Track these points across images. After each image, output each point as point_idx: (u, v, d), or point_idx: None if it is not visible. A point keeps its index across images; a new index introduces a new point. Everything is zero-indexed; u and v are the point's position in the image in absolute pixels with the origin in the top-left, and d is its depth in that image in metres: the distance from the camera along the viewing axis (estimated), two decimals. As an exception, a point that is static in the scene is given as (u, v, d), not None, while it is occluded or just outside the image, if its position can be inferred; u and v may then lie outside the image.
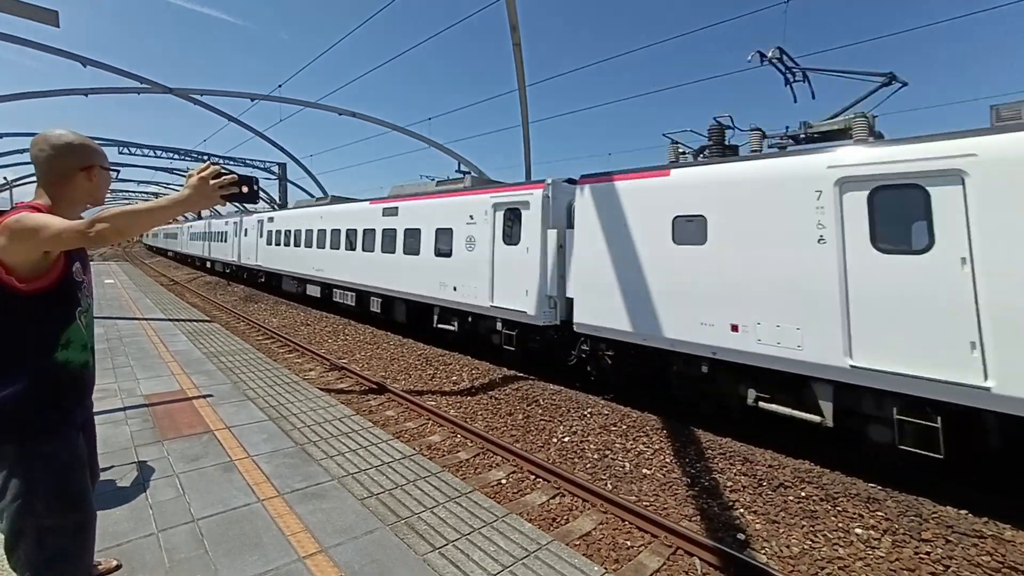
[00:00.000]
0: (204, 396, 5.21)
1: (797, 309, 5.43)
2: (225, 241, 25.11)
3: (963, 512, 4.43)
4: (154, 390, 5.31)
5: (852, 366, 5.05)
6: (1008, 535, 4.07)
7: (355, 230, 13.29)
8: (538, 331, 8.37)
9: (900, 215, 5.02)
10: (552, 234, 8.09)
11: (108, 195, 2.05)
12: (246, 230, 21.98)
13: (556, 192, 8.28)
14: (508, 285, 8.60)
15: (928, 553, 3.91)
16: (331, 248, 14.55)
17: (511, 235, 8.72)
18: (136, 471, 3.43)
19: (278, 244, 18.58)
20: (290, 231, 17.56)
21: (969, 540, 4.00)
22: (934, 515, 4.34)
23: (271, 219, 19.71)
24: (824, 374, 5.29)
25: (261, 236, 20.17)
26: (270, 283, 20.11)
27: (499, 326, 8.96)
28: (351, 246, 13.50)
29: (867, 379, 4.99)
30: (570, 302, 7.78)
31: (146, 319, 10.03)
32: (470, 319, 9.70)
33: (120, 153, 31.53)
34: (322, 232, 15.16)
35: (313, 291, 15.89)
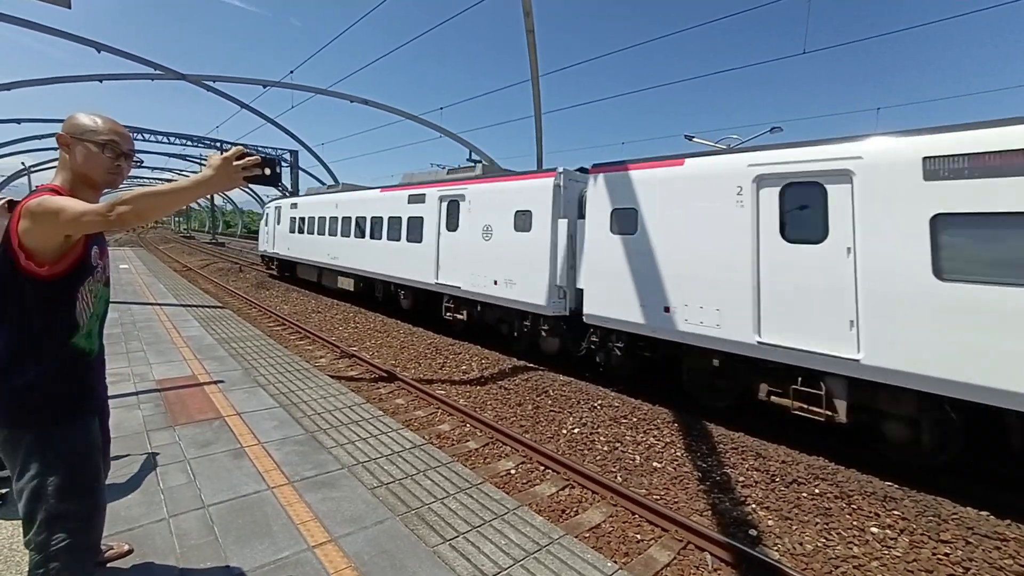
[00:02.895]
0: (215, 382, 5.24)
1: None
2: None
3: (984, 513, 4.31)
4: (166, 375, 5.36)
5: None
6: (1032, 538, 3.96)
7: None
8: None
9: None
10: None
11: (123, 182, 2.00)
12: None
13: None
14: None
15: (947, 554, 3.81)
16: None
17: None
18: (148, 456, 3.45)
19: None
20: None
21: (991, 542, 3.89)
22: (954, 516, 4.23)
23: None
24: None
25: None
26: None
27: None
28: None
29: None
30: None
31: (159, 304, 10.14)
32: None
33: (134, 139, 31.82)
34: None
35: None
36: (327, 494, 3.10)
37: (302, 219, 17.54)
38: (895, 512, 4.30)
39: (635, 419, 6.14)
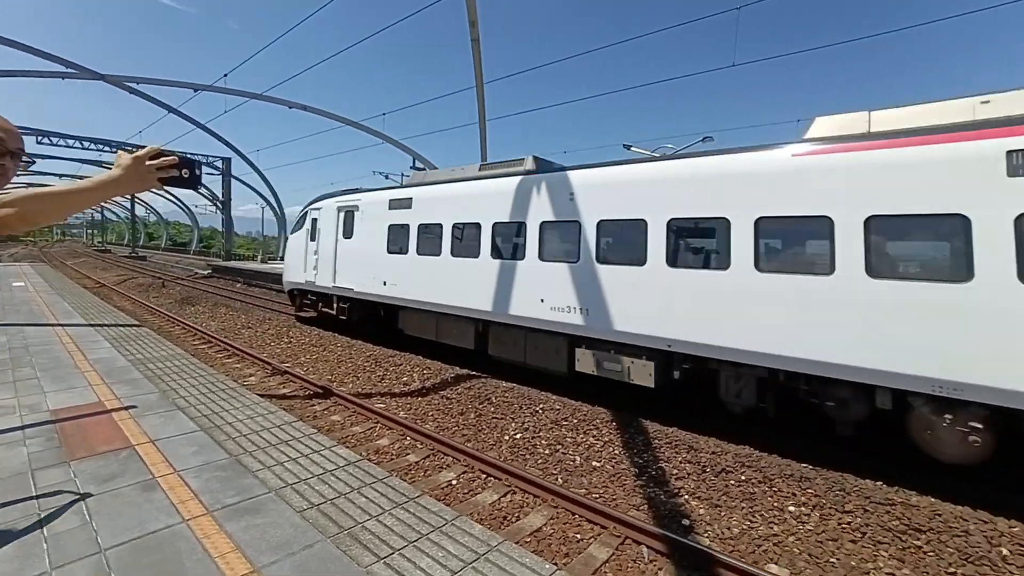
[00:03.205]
0: (126, 408, 4.76)
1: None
2: None
3: (879, 483, 4.83)
4: (64, 404, 4.79)
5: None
6: (914, 500, 4.48)
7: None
8: None
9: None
10: None
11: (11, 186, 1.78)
12: None
13: None
14: None
15: (849, 523, 4.23)
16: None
17: None
18: (31, 500, 3.05)
19: None
20: None
21: (883, 508, 4.37)
22: (855, 488, 4.70)
23: None
24: None
25: None
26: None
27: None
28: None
29: None
30: None
31: (62, 325, 9.09)
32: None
33: (39, 143, 28.58)
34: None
35: None
36: (251, 521, 2.90)
37: (428, 228, 9.51)
38: (809, 490, 4.70)
39: (575, 420, 6.29)
